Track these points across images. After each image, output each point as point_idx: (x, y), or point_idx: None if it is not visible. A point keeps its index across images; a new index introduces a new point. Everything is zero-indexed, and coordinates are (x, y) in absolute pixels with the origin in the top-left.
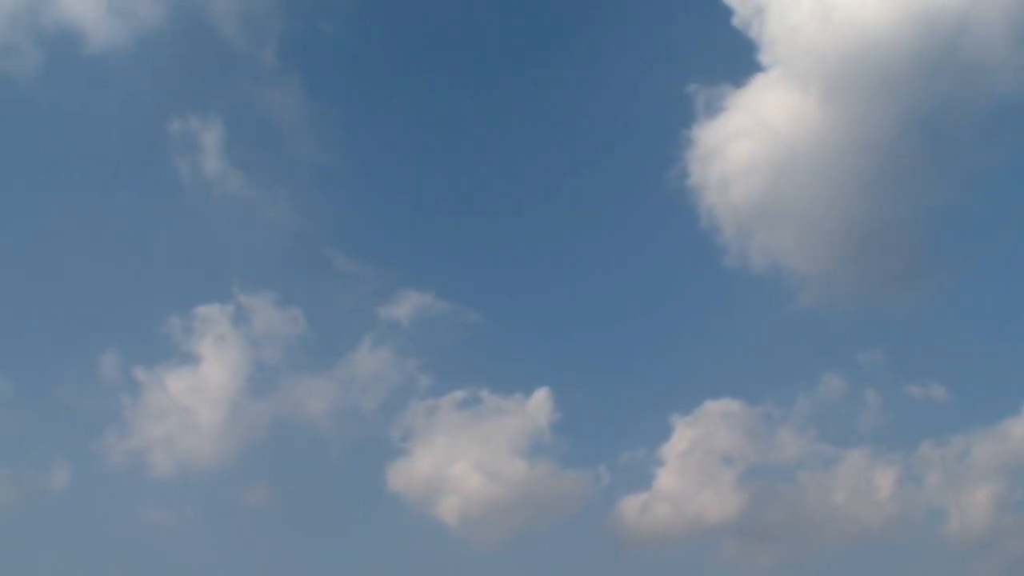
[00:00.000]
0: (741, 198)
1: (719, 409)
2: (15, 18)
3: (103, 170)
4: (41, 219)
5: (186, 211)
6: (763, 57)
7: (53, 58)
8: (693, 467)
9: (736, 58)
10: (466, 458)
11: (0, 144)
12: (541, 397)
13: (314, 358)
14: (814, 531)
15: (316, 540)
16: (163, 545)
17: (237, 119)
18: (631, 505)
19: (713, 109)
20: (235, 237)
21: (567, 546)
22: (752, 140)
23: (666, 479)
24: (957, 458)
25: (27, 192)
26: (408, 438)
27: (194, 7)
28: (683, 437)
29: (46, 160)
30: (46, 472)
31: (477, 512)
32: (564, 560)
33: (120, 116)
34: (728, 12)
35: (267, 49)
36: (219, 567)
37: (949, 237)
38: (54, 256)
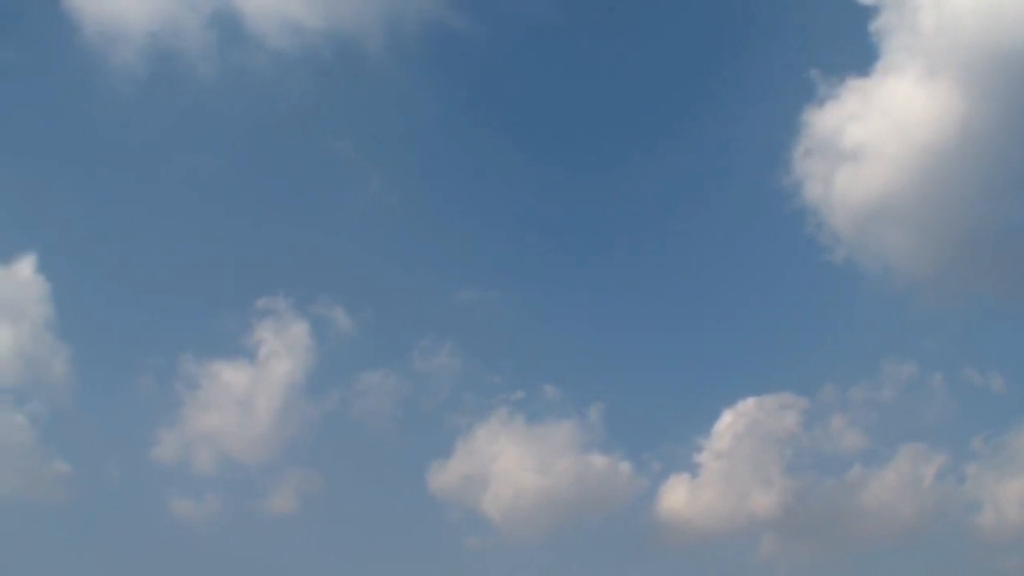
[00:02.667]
0: (854, 190)
1: (775, 403)
2: None
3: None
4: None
5: None
6: (895, 47)
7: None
8: (740, 461)
9: (863, 47)
10: (516, 453)
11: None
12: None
13: (371, 355)
14: (857, 527)
15: (361, 533)
16: (198, 536)
17: None
18: (676, 498)
19: (834, 97)
20: (299, 235)
21: (611, 540)
22: (874, 131)
23: (713, 472)
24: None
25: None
26: (460, 434)
27: None
28: (731, 430)
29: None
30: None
31: (524, 506)
32: (607, 554)
33: None
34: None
35: None
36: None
37: None
38: (135, 248)
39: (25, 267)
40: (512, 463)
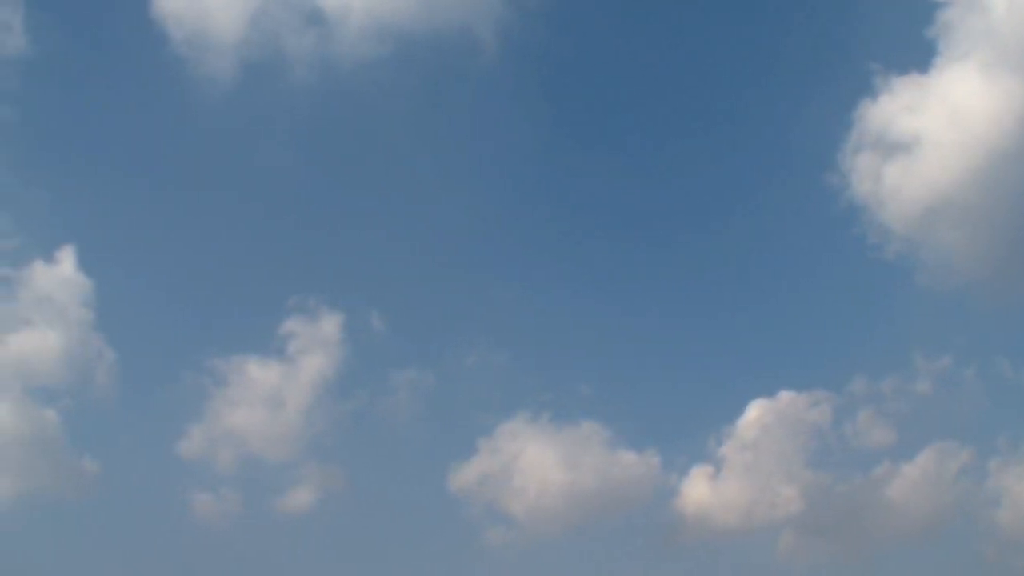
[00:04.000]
0: (908, 184)
1: (803, 397)
2: None
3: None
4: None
5: None
6: (957, 39)
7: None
8: (765, 456)
9: (924, 40)
10: (541, 450)
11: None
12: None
13: (400, 354)
14: (879, 523)
15: (383, 529)
16: (222, 532)
17: None
18: (699, 493)
19: (890, 91)
20: (337, 236)
21: (634, 535)
22: (931, 125)
23: (737, 467)
24: None
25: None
26: (485, 432)
27: None
28: (757, 424)
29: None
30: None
31: (548, 504)
32: (630, 550)
33: None
34: None
35: None
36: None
37: None
38: (173, 246)
39: (65, 263)
40: (537, 460)
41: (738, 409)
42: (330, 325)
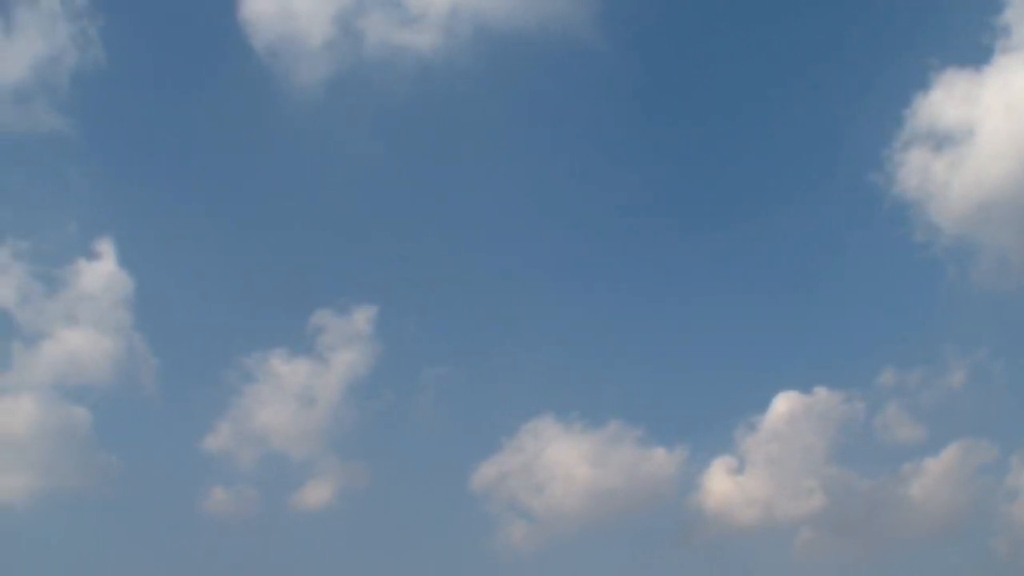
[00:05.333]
0: (959, 180)
1: (829, 393)
2: None
3: None
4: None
5: None
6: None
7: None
8: (789, 451)
9: (982, 35)
10: (566, 449)
11: None
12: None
13: (430, 353)
14: (897, 523)
15: (404, 527)
16: (246, 528)
17: None
18: (722, 489)
19: (945, 84)
20: (379, 238)
21: (656, 532)
22: (990, 121)
23: (760, 463)
24: None
25: None
26: (509, 432)
27: None
28: (782, 418)
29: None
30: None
31: (570, 502)
32: (651, 546)
33: None
34: None
35: None
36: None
37: None
38: (211, 244)
39: (106, 260)
40: (561, 459)
41: (764, 404)
42: (361, 322)
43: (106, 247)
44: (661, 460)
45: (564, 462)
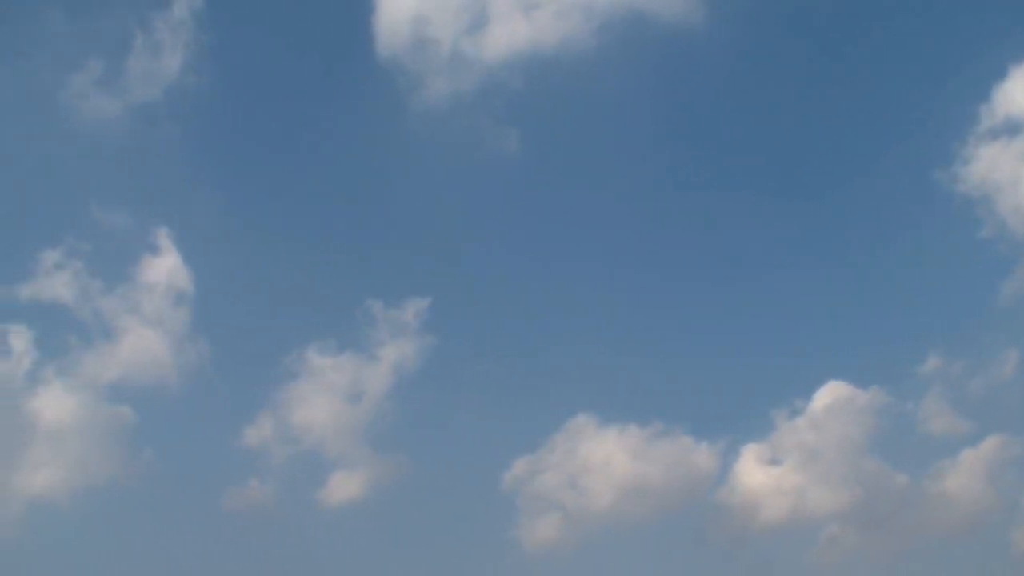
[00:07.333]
0: None
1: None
2: None
3: None
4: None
5: None
6: None
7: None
8: (825, 445)
9: None
10: (603, 447)
11: None
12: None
13: (477, 349)
14: (926, 519)
15: (437, 522)
16: (284, 522)
17: None
18: (755, 482)
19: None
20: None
21: (688, 531)
22: None
23: (795, 458)
24: None
25: None
26: (551, 430)
27: None
28: (820, 412)
29: None
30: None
31: (604, 500)
32: (683, 544)
33: None
34: None
35: None
36: None
37: None
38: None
39: (167, 257)
40: (598, 456)
41: (808, 393)
42: (408, 317)
43: (165, 241)
44: (703, 456)
45: (602, 459)
